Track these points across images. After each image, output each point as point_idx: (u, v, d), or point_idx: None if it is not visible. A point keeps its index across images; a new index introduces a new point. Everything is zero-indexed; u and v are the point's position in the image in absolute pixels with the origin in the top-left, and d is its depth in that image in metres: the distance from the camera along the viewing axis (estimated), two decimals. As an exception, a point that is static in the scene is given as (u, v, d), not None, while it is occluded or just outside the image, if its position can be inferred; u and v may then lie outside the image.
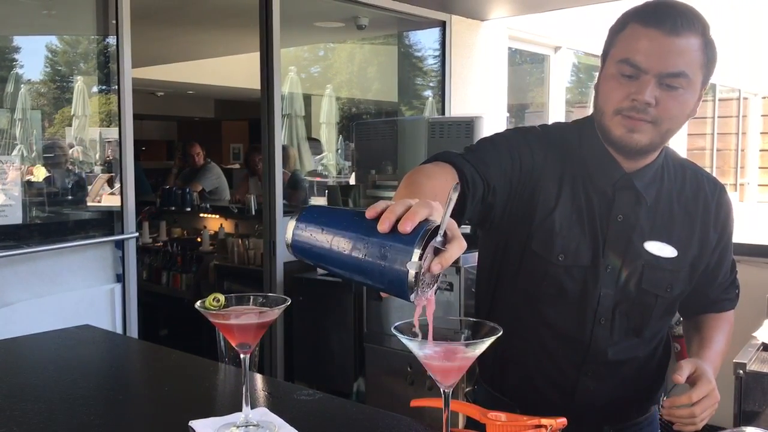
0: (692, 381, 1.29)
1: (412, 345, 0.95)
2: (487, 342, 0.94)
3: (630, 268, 1.36)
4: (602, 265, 1.36)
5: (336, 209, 0.94)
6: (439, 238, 0.85)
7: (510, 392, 1.48)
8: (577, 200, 1.36)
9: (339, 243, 0.87)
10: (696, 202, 1.41)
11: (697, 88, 1.29)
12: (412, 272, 0.81)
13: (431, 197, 0.96)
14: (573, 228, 1.35)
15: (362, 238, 0.85)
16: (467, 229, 3.70)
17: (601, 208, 1.36)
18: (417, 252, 0.81)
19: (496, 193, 1.30)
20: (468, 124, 4.20)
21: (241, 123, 11.61)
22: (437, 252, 0.85)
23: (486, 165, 1.30)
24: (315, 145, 6.76)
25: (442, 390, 0.98)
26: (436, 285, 0.88)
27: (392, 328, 0.97)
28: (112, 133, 3.92)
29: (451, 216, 0.96)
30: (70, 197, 4.12)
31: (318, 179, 6.34)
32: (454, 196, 0.85)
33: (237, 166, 10.27)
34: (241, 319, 1.14)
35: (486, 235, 1.48)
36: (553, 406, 1.39)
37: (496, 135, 1.43)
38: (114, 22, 3.38)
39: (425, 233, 0.83)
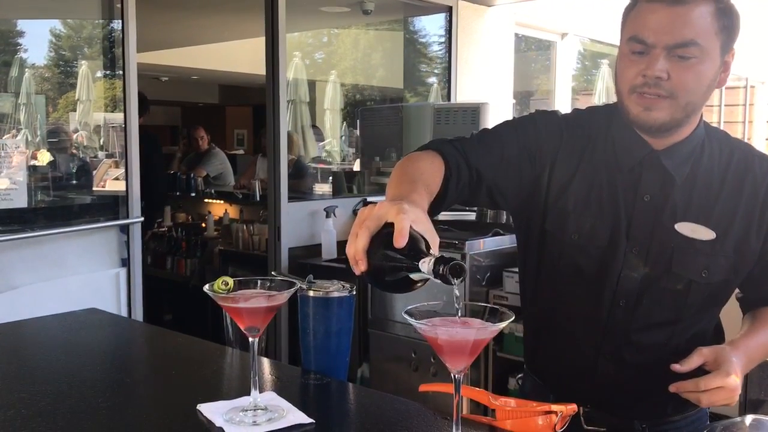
0: (713, 367, 1.25)
1: (424, 327, 0.95)
2: (503, 323, 0.95)
3: (658, 250, 1.32)
4: (625, 246, 1.33)
5: None
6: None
7: (542, 374, 1.50)
8: (596, 180, 1.35)
9: None
10: (742, 182, 1.34)
11: (714, 56, 1.24)
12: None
13: (422, 188, 1.15)
14: (589, 207, 1.34)
15: None
16: (473, 215, 3.69)
17: (626, 187, 1.33)
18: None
19: (483, 177, 1.32)
20: (474, 111, 4.18)
21: (245, 108, 11.57)
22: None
23: (476, 151, 1.32)
24: (316, 132, 6.75)
25: (452, 375, 0.98)
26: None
27: (403, 313, 0.97)
28: (117, 118, 3.91)
29: (435, 200, 1.21)
30: (74, 182, 4.11)
31: (322, 166, 6.33)
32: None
33: (241, 151, 10.26)
34: (250, 303, 1.13)
35: (514, 218, 1.50)
36: (579, 390, 1.39)
37: (501, 123, 1.44)
38: (119, 6, 3.35)
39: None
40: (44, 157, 4.07)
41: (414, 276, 0.95)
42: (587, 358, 1.39)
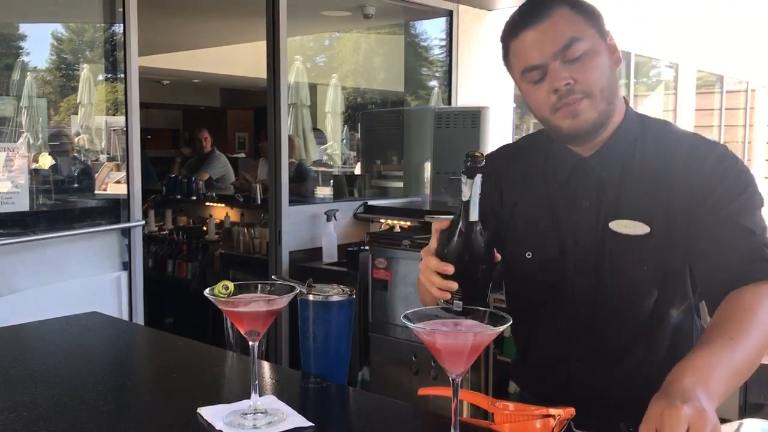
0: None
1: (422, 331, 0.95)
2: (500, 327, 0.96)
3: (600, 253, 1.35)
4: (574, 255, 1.36)
5: None
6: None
7: (527, 388, 1.53)
8: (538, 195, 1.41)
9: None
10: (672, 167, 1.32)
11: (597, 44, 1.30)
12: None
13: None
14: (538, 222, 1.40)
15: None
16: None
17: (566, 198, 1.38)
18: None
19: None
20: (474, 115, 4.18)
21: (246, 112, 11.60)
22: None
23: None
24: (318, 135, 6.76)
25: (450, 379, 0.98)
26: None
27: (401, 317, 0.98)
28: (118, 121, 3.92)
29: None
30: (76, 185, 4.13)
31: (323, 169, 6.34)
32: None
33: (242, 154, 10.29)
34: (250, 307, 1.14)
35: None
36: (559, 399, 1.39)
37: None
38: (120, 9, 3.37)
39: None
40: (46, 161, 4.08)
41: (471, 212, 1.10)
42: (564, 370, 1.41)
